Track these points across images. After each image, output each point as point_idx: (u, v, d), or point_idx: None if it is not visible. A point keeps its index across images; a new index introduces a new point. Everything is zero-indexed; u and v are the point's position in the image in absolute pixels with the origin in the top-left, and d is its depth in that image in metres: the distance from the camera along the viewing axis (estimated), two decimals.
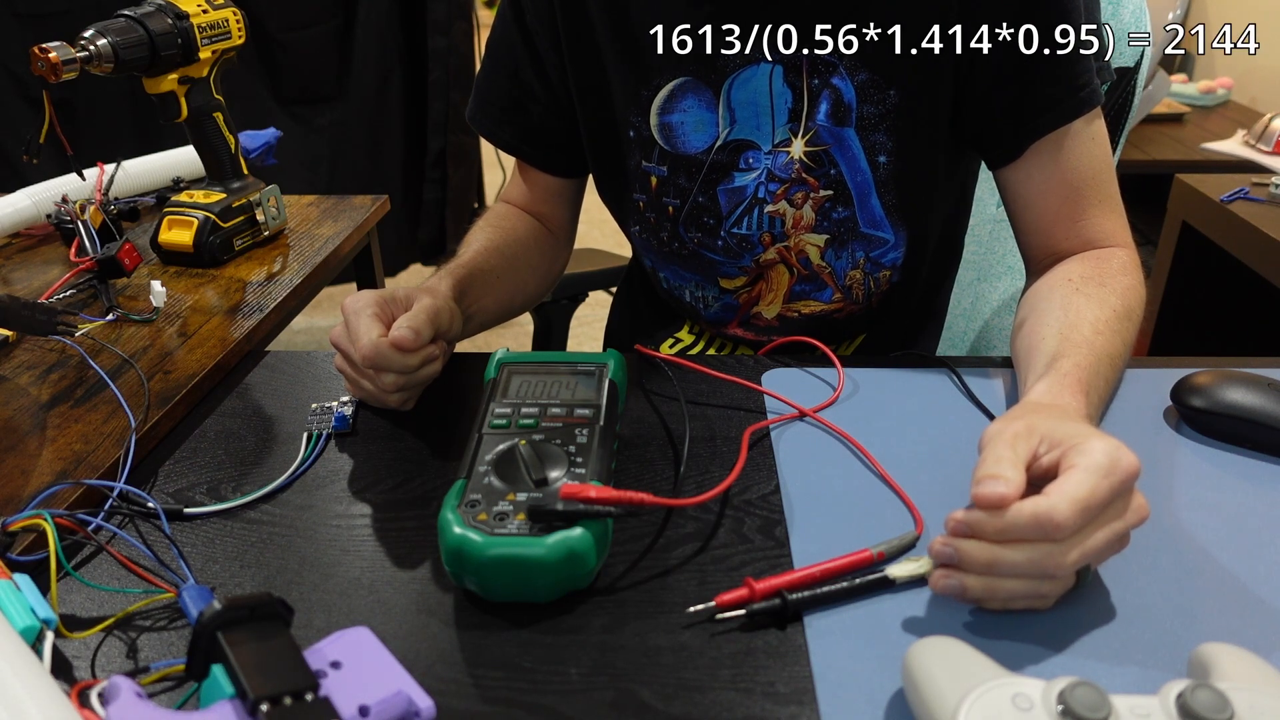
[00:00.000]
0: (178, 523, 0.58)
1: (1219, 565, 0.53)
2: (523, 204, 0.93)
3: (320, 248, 1.02)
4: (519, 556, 0.48)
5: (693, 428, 0.67)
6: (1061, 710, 0.37)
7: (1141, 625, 0.49)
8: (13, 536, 0.53)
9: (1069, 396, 0.57)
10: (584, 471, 0.53)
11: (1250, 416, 0.62)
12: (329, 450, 0.65)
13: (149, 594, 0.52)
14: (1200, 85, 2.73)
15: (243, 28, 0.99)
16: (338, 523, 0.58)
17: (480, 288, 0.78)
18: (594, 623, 0.50)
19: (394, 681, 0.42)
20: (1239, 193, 1.38)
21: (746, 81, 0.76)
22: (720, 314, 0.90)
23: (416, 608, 0.51)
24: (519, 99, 0.87)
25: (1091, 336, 0.63)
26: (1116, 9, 0.98)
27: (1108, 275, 0.70)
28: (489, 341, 2.38)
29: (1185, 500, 0.58)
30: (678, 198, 0.82)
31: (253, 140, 1.19)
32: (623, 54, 0.79)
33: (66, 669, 0.47)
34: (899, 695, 0.44)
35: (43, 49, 0.81)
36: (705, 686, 0.45)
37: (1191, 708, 0.37)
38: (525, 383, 0.62)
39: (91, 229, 0.91)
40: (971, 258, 1.09)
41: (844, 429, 0.66)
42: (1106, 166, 0.74)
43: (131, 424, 0.66)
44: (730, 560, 0.54)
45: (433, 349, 0.67)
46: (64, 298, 0.89)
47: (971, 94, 0.74)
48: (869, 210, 0.79)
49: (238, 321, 0.84)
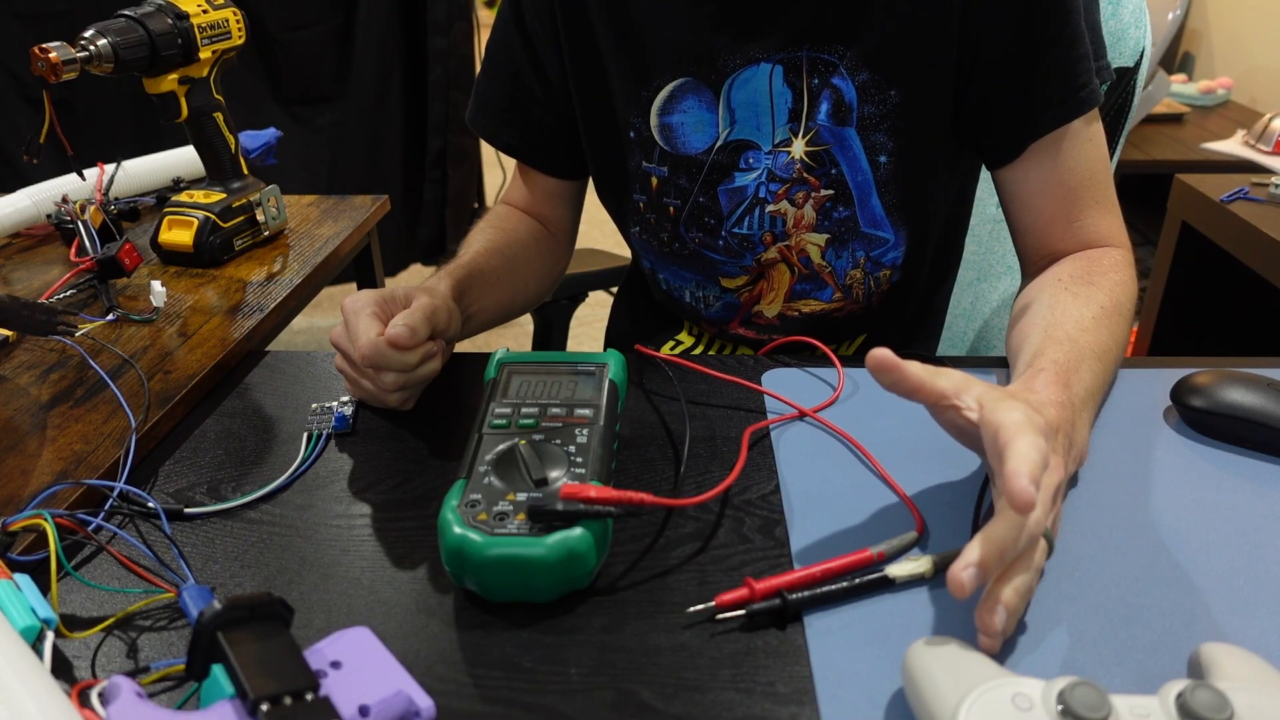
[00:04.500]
0: (178, 523, 0.58)
1: (1219, 565, 0.53)
2: (523, 205, 0.93)
3: (320, 248, 1.02)
4: (519, 556, 0.48)
5: (693, 428, 0.67)
6: (1061, 710, 0.37)
7: (1141, 625, 0.49)
8: (13, 536, 0.53)
9: (1045, 388, 0.57)
10: (584, 471, 0.53)
11: (1250, 416, 0.62)
12: (329, 450, 0.66)
13: (149, 594, 0.52)
14: (1200, 85, 2.73)
15: (243, 28, 0.99)
16: (338, 523, 0.58)
17: (480, 288, 0.78)
18: (594, 623, 0.50)
19: (394, 681, 0.42)
20: (1239, 193, 1.37)
21: (747, 82, 0.76)
22: (721, 313, 0.90)
23: (416, 608, 0.51)
24: (519, 100, 0.87)
25: (1076, 334, 0.63)
26: (1116, 9, 0.98)
27: (1097, 274, 0.70)
28: (489, 341, 2.37)
29: (1185, 500, 0.58)
30: (678, 198, 0.82)
31: (253, 140, 1.19)
32: (623, 55, 0.79)
33: (67, 669, 0.47)
34: (899, 695, 0.44)
35: (43, 49, 0.81)
36: (705, 686, 0.45)
37: (1191, 708, 0.37)
38: (525, 383, 0.62)
39: (91, 229, 0.91)
40: (971, 258, 1.09)
41: (844, 429, 0.66)
42: (1104, 167, 0.75)
43: (131, 424, 0.66)
44: (730, 560, 0.54)
45: (431, 346, 0.67)
46: (64, 298, 0.89)
47: (971, 94, 0.74)
48: (869, 210, 0.79)
49: (238, 321, 0.84)
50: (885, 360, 0.50)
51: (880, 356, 0.50)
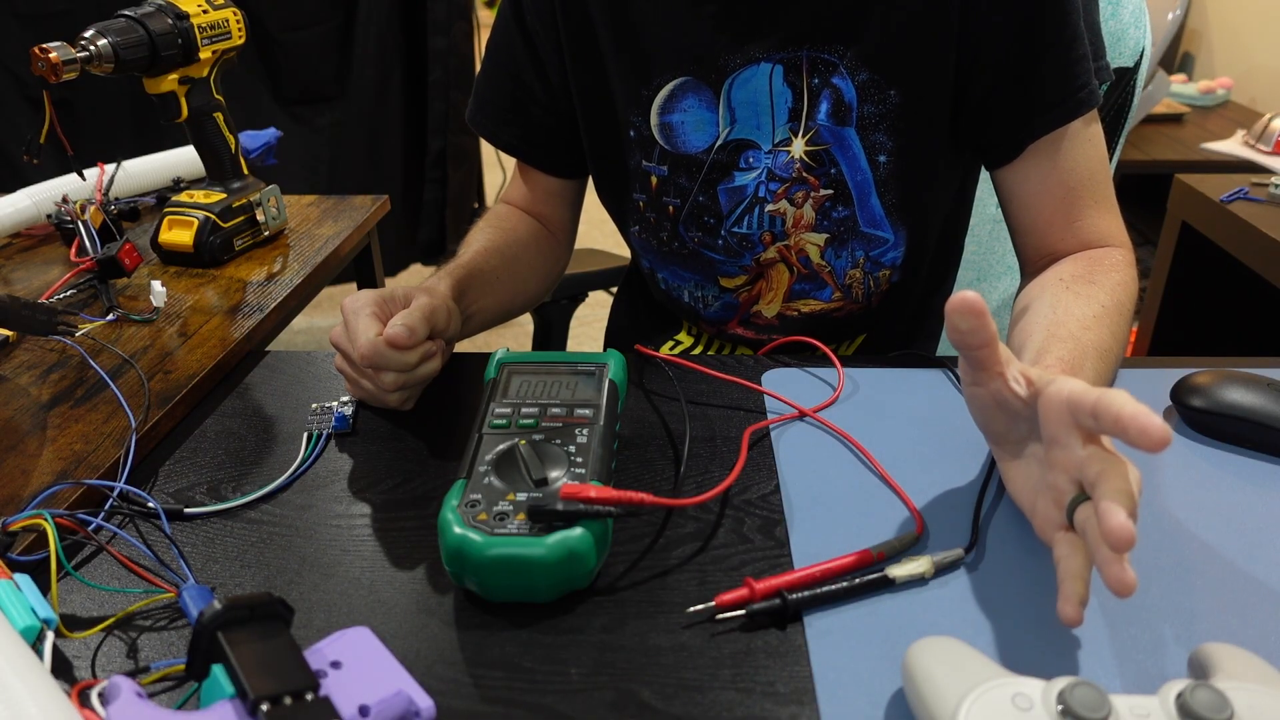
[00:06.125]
0: (178, 523, 0.58)
1: (1219, 565, 0.53)
2: (523, 205, 0.93)
3: (320, 248, 1.02)
4: (519, 556, 0.48)
5: (693, 428, 0.67)
6: (1061, 710, 0.37)
7: (1141, 625, 0.49)
8: (13, 536, 0.53)
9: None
10: (584, 471, 0.53)
11: (1250, 416, 0.62)
12: (329, 450, 0.66)
13: (149, 594, 0.52)
14: (1200, 85, 2.73)
15: (243, 28, 0.99)
16: (338, 523, 0.58)
17: (480, 288, 0.78)
18: (594, 623, 0.50)
19: (394, 681, 0.42)
20: (1238, 193, 1.37)
21: (747, 81, 0.76)
22: (720, 313, 0.90)
23: (416, 608, 0.51)
24: (519, 100, 0.87)
25: (1079, 332, 0.63)
26: (1116, 9, 0.98)
27: (1098, 273, 0.70)
28: (489, 341, 2.38)
29: (1185, 500, 0.58)
30: (678, 197, 0.82)
31: (253, 140, 1.19)
32: (623, 54, 0.79)
33: (67, 669, 0.47)
34: (899, 695, 0.44)
35: (43, 49, 0.81)
36: (705, 686, 0.45)
37: (1191, 707, 0.37)
38: (525, 383, 0.62)
39: (92, 229, 0.91)
40: (971, 258, 1.09)
41: (844, 429, 0.66)
42: (1103, 167, 0.75)
43: (132, 424, 0.66)
44: (730, 560, 0.54)
45: (430, 346, 0.67)
46: (64, 298, 0.89)
47: (971, 94, 0.74)
48: (869, 210, 0.79)
49: (238, 321, 0.84)
50: (976, 304, 0.48)
51: (972, 299, 0.48)
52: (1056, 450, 0.47)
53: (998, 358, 0.51)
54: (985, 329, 0.49)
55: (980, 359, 0.51)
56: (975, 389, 0.53)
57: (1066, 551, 0.45)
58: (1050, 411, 0.47)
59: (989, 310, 0.49)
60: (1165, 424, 0.41)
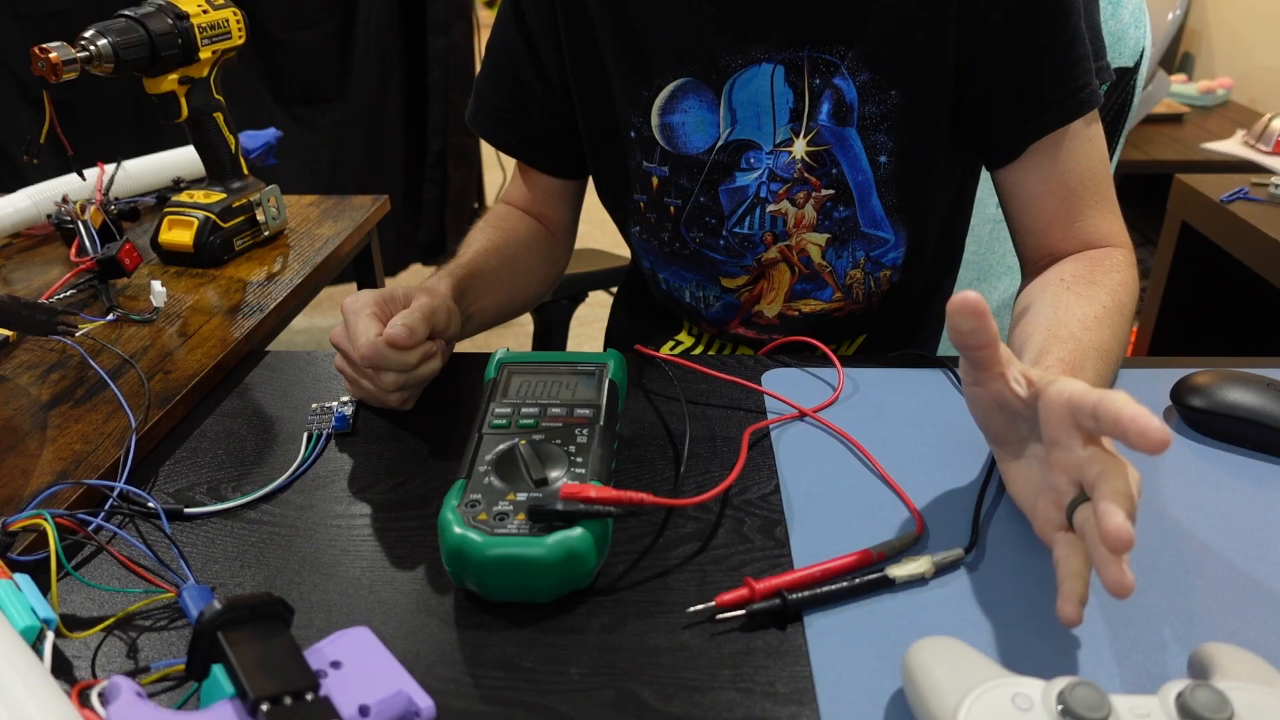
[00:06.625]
0: (178, 523, 0.58)
1: (1219, 565, 0.53)
2: (523, 205, 0.93)
3: (320, 248, 1.02)
4: (519, 556, 0.48)
5: (693, 428, 0.67)
6: (1061, 710, 0.37)
7: (1141, 625, 0.49)
8: (13, 536, 0.53)
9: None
10: (584, 471, 0.53)
11: (1250, 416, 0.62)
12: (329, 450, 0.66)
13: (149, 594, 0.52)
14: (1200, 85, 2.73)
15: (243, 28, 0.99)
16: (338, 523, 0.58)
17: (480, 288, 0.78)
18: (594, 623, 0.50)
19: (394, 681, 0.42)
20: (1239, 193, 1.37)
21: (748, 82, 0.76)
22: (721, 313, 0.90)
23: (416, 608, 0.51)
24: (519, 100, 0.87)
25: (1079, 332, 0.63)
26: (1116, 9, 0.98)
27: (1099, 273, 0.70)
28: (489, 341, 2.38)
29: (1185, 500, 0.58)
30: (679, 198, 0.82)
31: (253, 140, 1.19)
32: (623, 55, 0.79)
33: (67, 669, 0.47)
34: (899, 695, 0.44)
35: (43, 49, 0.81)
36: (705, 686, 0.45)
37: (1191, 707, 0.37)
38: (525, 383, 0.62)
39: (92, 229, 0.91)
40: (971, 258, 1.09)
41: (844, 429, 0.66)
42: (1104, 167, 0.75)
43: (132, 424, 0.66)
44: (730, 560, 0.54)
45: (430, 346, 0.67)
46: (64, 298, 0.89)
47: (971, 95, 0.74)
48: (870, 210, 0.79)
49: (238, 321, 0.84)
50: (977, 305, 0.48)
51: (974, 299, 0.48)
52: (1056, 451, 0.48)
53: (999, 358, 0.51)
54: (986, 329, 0.49)
55: (981, 359, 0.51)
56: (976, 389, 0.53)
57: (1066, 551, 0.46)
58: (1051, 412, 0.47)
59: (990, 310, 0.49)
60: (1165, 426, 0.41)
